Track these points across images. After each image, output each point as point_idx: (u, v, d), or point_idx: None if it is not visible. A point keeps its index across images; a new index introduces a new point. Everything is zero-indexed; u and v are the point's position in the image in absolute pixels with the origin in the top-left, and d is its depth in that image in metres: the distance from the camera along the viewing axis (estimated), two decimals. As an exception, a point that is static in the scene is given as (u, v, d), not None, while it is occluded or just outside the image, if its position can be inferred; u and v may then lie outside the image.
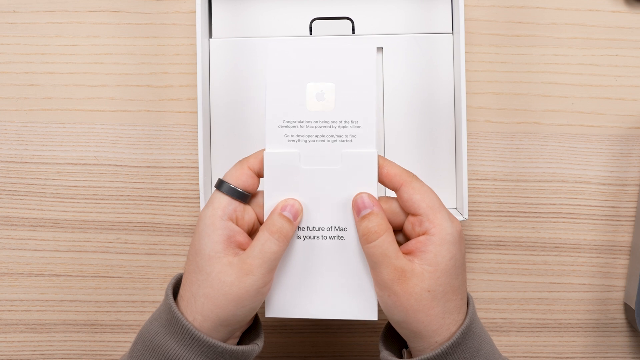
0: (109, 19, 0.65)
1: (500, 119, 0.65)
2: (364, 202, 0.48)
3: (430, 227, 0.47)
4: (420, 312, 0.47)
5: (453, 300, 0.48)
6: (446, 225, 0.47)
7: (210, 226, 0.48)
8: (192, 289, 0.49)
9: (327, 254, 0.51)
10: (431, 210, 0.48)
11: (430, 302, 0.47)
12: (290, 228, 0.49)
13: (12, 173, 0.65)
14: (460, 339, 0.47)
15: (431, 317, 0.47)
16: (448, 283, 0.47)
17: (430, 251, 0.47)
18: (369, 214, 0.48)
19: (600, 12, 0.64)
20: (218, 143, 0.62)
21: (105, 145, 0.65)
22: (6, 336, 0.66)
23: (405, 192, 0.48)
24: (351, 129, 0.50)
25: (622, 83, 0.64)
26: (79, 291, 0.66)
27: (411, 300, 0.46)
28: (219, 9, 0.62)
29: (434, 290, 0.47)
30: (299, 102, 0.50)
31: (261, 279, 0.48)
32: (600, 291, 0.66)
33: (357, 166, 0.50)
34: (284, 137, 0.50)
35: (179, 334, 0.48)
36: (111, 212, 0.65)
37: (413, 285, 0.46)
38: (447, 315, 0.47)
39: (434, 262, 0.47)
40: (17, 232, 0.66)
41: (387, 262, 0.47)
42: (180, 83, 0.65)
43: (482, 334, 0.50)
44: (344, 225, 0.50)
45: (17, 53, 0.65)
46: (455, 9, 0.60)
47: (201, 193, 0.59)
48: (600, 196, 0.65)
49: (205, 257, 0.48)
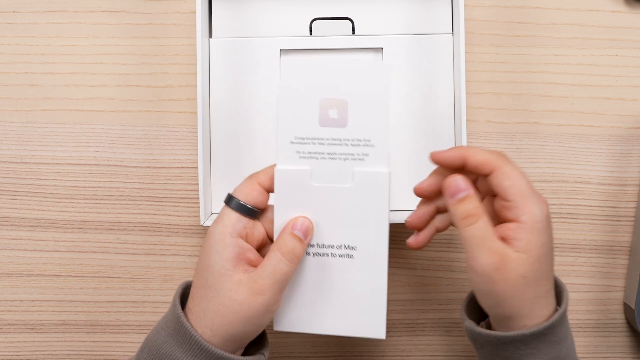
0: (109, 19, 0.65)
1: (500, 119, 0.65)
2: (459, 185, 0.48)
3: (520, 215, 0.47)
4: (514, 297, 0.47)
5: (544, 285, 0.48)
6: (536, 213, 0.47)
7: (220, 243, 0.48)
8: (201, 304, 0.49)
9: (336, 271, 0.51)
10: (521, 197, 0.47)
11: (524, 287, 0.47)
12: (301, 248, 0.49)
13: (12, 173, 0.65)
14: (556, 323, 0.48)
15: (523, 303, 0.47)
16: (541, 269, 0.47)
17: (522, 239, 0.47)
18: (466, 197, 0.47)
19: (600, 12, 0.64)
20: (218, 143, 0.62)
21: (105, 145, 0.65)
22: (6, 336, 0.66)
23: (496, 178, 0.48)
24: (364, 147, 0.49)
25: (622, 83, 0.64)
26: (79, 291, 0.66)
27: (507, 287, 0.46)
28: (219, 9, 0.62)
29: (528, 276, 0.47)
30: (311, 119, 0.49)
31: (271, 299, 0.48)
32: (600, 291, 0.66)
33: (368, 185, 0.49)
34: (295, 153, 0.50)
35: (187, 344, 0.48)
36: (111, 212, 0.65)
37: (509, 270, 0.46)
38: (537, 300, 0.48)
39: (527, 249, 0.47)
40: (17, 233, 0.65)
41: (486, 245, 0.46)
42: (180, 83, 0.65)
43: (569, 326, 0.50)
44: (353, 244, 0.50)
45: (17, 53, 0.65)
46: (455, 9, 0.60)
47: (201, 193, 0.59)
48: (600, 196, 0.65)
49: (215, 274, 0.48)
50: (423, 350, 0.66)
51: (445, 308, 0.66)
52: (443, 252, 0.66)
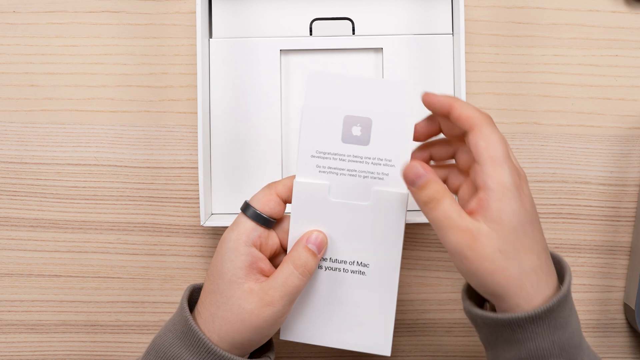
0: (109, 19, 0.65)
1: (500, 119, 0.65)
2: (418, 171, 0.46)
3: (487, 180, 0.44)
4: (496, 273, 0.44)
5: (529, 260, 0.45)
6: (505, 180, 0.44)
7: (234, 251, 0.48)
8: (210, 309, 0.49)
9: (347, 287, 0.51)
10: (491, 161, 0.45)
11: (504, 262, 0.44)
12: (314, 262, 0.49)
13: (12, 173, 0.65)
14: (555, 306, 0.45)
15: (508, 279, 0.44)
16: (517, 241, 0.44)
17: (491, 207, 0.44)
18: (426, 183, 0.46)
19: (600, 12, 0.64)
20: (218, 143, 0.62)
21: (106, 145, 0.65)
22: (6, 337, 0.66)
23: (473, 137, 0.46)
24: (384, 167, 0.49)
25: (622, 83, 0.64)
26: (79, 292, 0.66)
27: (485, 263, 0.44)
28: (219, 9, 0.62)
29: (505, 249, 0.44)
30: (334, 134, 0.49)
31: (281, 311, 0.48)
32: (600, 291, 0.66)
33: (386, 205, 0.49)
34: (315, 167, 0.50)
35: (194, 346, 0.48)
36: (111, 212, 0.65)
37: (483, 246, 0.44)
38: (525, 277, 0.45)
39: (499, 219, 0.44)
40: (17, 233, 0.65)
41: (453, 224, 0.45)
42: (180, 83, 0.65)
43: (573, 307, 0.47)
44: (366, 262, 0.50)
45: (17, 53, 0.65)
46: (456, 9, 0.60)
47: (201, 193, 0.59)
48: (600, 196, 0.65)
49: (227, 281, 0.48)
50: (423, 350, 0.66)
51: (445, 308, 0.66)
52: (443, 252, 0.66)
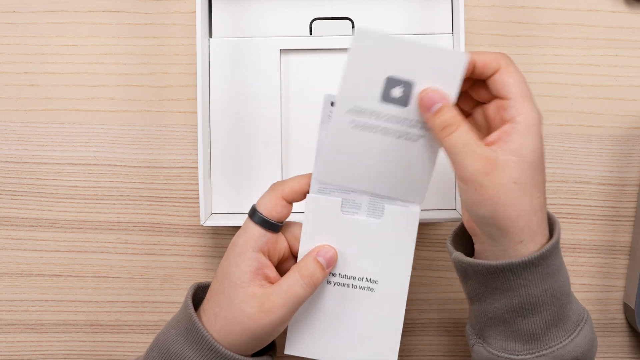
0: (109, 19, 0.65)
1: (500, 119, 0.65)
2: (434, 97, 0.46)
3: (516, 115, 0.45)
4: (509, 206, 0.44)
5: (538, 197, 0.45)
6: (532, 115, 0.45)
7: (241, 255, 0.48)
8: (214, 309, 0.49)
9: (355, 302, 0.51)
10: (521, 96, 0.45)
11: (519, 195, 0.44)
12: (322, 275, 0.49)
13: (12, 173, 0.65)
14: (548, 253, 0.45)
15: (520, 212, 0.44)
16: (533, 177, 0.45)
17: (514, 141, 0.44)
18: (442, 108, 0.45)
19: (600, 12, 0.64)
20: (218, 143, 0.62)
21: (105, 145, 0.65)
22: (6, 336, 0.66)
23: (500, 75, 0.46)
24: (420, 129, 0.47)
25: (622, 83, 0.64)
26: (79, 291, 0.66)
27: (500, 192, 0.44)
28: (219, 9, 0.62)
29: (521, 182, 0.44)
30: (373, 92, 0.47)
31: (280, 319, 0.48)
32: (600, 291, 0.66)
33: (398, 222, 0.49)
34: (350, 122, 0.47)
35: (198, 343, 0.48)
36: (111, 212, 0.65)
37: (500, 174, 0.44)
38: (535, 214, 0.45)
39: (519, 152, 0.44)
40: (17, 232, 0.65)
41: (471, 151, 0.44)
42: (180, 83, 0.65)
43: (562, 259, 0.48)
44: (375, 278, 0.50)
45: (17, 53, 0.65)
46: (455, 9, 0.60)
47: (201, 193, 0.59)
48: (600, 196, 0.65)
49: (232, 284, 0.48)
50: (423, 350, 0.66)
51: (445, 308, 0.66)
52: (443, 252, 0.66)
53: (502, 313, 0.47)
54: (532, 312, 0.47)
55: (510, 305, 0.47)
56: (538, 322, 0.47)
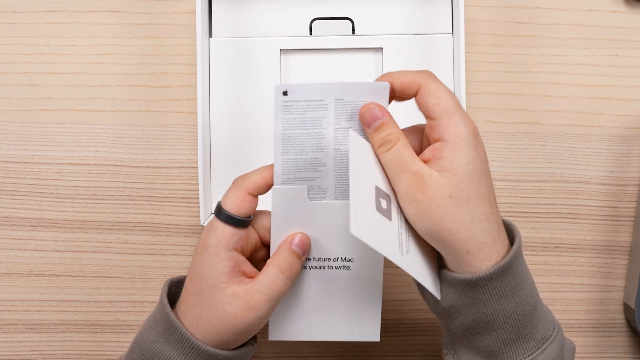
0: (109, 19, 0.65)
1: (500, 119, 0.65)
2: (375, 113, 0.47)
3: (444, 134, 0.45)
4: (445, 219, 0.45)
5: (480, 207, 0.45)
6: (460, 130, 0.45)
7: (215, 257, 0.48)
8: (194, 311, 0.48)
9: (333, 282, 0.51)
10: (445, 114, 0.45)
11: (455, 208, 0.45)
12: (299, 264, 0.49)
13: (12, 173, 0.65)
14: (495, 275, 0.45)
15: (458, 225, 0.45)
16: (470, 188, 0.45)
17: (445, 157, 0.45)
18: (381, 125, 0.46)
19: (600, 12, 0.64)
20: (218, 143, 0.62)
21: (105, 145, 0.65)
22: (6, 336, 0.66)
23: (421, 97, 0.46)
24: None
25: (622, 83, 0.64)
26: (79, 291, 0.66)
27: (433, 206, 0.45)
28: (219, 9, 0.62)
29: (457, 195, 0.45)
30: None
31: (265, 314, 0.48)
32: (600, 291, 0.66)
33: None
34: None
35: (178, 342, 0.48)
36: (111, 212, 0.65)
37: (433, 190, 0.45)
38: (479, 223, 0.45)
39: (451, 167, 0.45)
40: (17, 232, 0.65)
41: (404, 167, 0.45)
42: (180, 83, 0.65)
43: (525, 274, 0.47)
44: (350, 256, 0.50)
45: (17, 53, 0.65)
46: (455, 9, 0.60)
47: (201, 193, 0.59)
48: (600, 196, 0.65)
49: (209, 285, 0.48)
50: (423, 350, 0.66)
51: (445, 308, 0.66)
52: (443, 252, 0.66)
53: (461, 330, 0.48)
54: (486, 330, 0.47)
55: (465, 322, 0.47)
56: (494, 340, 0.47)
